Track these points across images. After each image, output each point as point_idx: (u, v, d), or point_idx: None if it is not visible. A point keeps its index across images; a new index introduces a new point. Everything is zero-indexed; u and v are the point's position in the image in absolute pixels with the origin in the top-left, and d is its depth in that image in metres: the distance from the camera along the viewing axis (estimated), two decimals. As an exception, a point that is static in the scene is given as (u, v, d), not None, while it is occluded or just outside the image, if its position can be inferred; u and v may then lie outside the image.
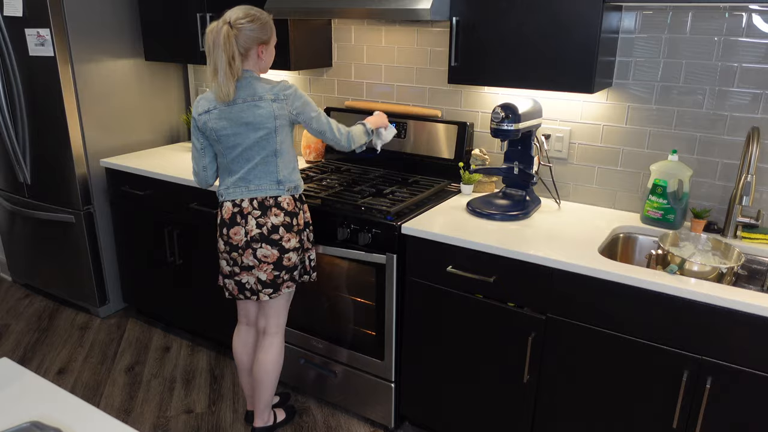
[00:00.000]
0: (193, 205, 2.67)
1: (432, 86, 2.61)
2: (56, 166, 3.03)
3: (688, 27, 2.01)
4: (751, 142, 1.87)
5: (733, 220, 1.98)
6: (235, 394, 2.64)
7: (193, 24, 2.80)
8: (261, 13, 1.92)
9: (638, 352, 1.74)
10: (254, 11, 1.90)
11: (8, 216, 3.44)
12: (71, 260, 3.20)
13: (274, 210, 2.00)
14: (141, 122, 3.23)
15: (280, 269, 2.04)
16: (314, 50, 2.74)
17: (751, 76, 1.95)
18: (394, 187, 2.45)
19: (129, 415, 2.51)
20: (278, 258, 2.02)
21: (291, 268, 2.07)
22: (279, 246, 2.01)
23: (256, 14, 1.90)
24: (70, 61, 2.84)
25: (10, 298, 3.53)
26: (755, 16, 1.89)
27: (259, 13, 1.92)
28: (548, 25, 1.94)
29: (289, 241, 2.03)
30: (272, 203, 2.00)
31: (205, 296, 2.84)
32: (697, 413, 1.68)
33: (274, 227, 2.00)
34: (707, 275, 1.77)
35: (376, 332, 2.27)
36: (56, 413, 1.13)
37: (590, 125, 2.27)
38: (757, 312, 1.53)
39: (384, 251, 2.14)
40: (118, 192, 3.00)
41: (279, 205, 2.01)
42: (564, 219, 2.18)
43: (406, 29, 2.60)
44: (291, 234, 2.03)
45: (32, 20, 2.79)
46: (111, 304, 3.31)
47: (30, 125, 3.04)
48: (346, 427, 2.44)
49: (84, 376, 2.77)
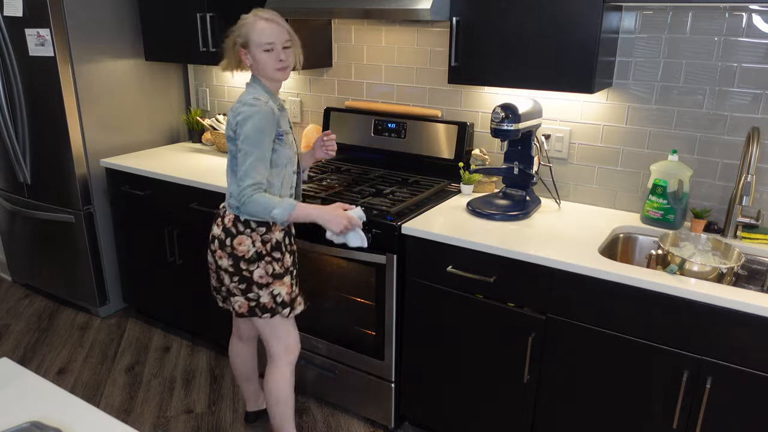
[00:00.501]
0: (193, 205, 2.67)
1: (432, 86, 2.61)
2: (56, 166, 3.03)
3: (688, 27, 2.01)
4: (751, 143, 1.87)
5: (733, 220, 1.98)
6: (234, 394, 2.64)
7: (193, 24, 2.79)
8: (245, 17, 1.86)
9: (638, 352, 1.74)
10: (245, 15, 1.87)
11: (8, 216, 3.44)
12: (71, 260, 3.20)
13: (217, 219, 1.96)
14: (141, 122, 3.23)
15: (242, 282, 1.93)
16: (314, 50, 2.73)
17: (751, 76, 1.95)
18: (394, 187, 2.45)
19: (129, 415, 2.51)
20: (223, 269, 1.94)
21: (246, 289, 1.94)
22: (213, 255, 1.96)
23: (242, 17, 1.86)
24: (70, 61, 2.84)
25: (10, 298, 3.53)
26: (755, 16, 1.89)
27: (247, 15, 1.86)
28: (548, 25, 1.94)
29: (221, 259, 1.93)
30: (220, 212, 1.97)
31: (205, 296, 2.84)
32: (698, 413, 1.68)
33: (212, 236, 1.96)
34: (707, 275, 1.77)
35: (376, 332, 2.27)
36: (56, 413, 1.13)
37: (590, 125, 2.27)
38: (757, 312, 1.53)
39: (384, 251, 2.14)
40: (118, 192, 2.99)
41: (222, 216, 1.95)
42: (564, 219, 2.18)
43: (406, 29, 2.60)
44: (223, 252, 1.92)
45: (32, 20, 2.79)
46: (111, 304, 3.31)
47: (30, 125, 3.04)
48: (346, 427, 2.44)
49: (84, 376, 2.77)
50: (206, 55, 2.81)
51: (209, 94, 3.41)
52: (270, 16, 1.85)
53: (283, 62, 1.85)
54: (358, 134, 2.75)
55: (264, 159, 1.80)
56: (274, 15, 1.86)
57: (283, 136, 1.88)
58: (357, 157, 2.78)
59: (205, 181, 2.59)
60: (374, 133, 2.71)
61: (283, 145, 1.89)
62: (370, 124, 2.71)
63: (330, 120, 2.83)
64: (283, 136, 1.88)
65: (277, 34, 1.83)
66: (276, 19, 1.85)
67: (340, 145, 2.81)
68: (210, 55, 2.80)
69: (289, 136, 1.92)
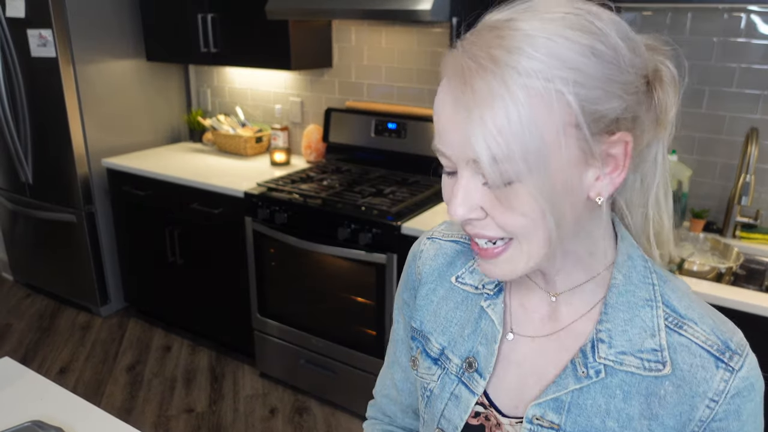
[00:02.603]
0: (194, 205, 2.68)
1: (432, 87, 2.61)
2: (58, 166, 3.03)
3: (687, 28, 2.01)
4: (750, 143, 1.87)
5: (732, 220, 1.98)
6: (235, 393, 2.65)
7: (194, 24, 2.80)
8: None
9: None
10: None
11: (10, 216, 3.45)
12: (73, 260, 3.21)
13: None
14: (142, 122, 3.24)
15: None
16: (314, 51, 2.74)
17: (750, 77, 1.95)
18: (394, 187, 2.45)
19: (130, 414, 2.51)
20: None
21: None
22: None
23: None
24: (72, 62, 2.85)
25: (12, 298, 3.53)
26: (754, 17, 1.90)
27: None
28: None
29: None
30: None
31: (206, 296, 2.85)
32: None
33: None
34: (706, 275, 1.78)
35: (376, 332, 2.27)
36: (57, 412, 1.14)
37: (590, 125, 2.28)
38: (756, 312, 1.53)
39: (384, 251, 2.14)
40: (120, 192, 3.00)
41: None
42: (563, 219, 2.18)
43: (407, 30, 2.61)
44: None
45: (34, 21, 2.80)
46: (112, 304, 3.32)
47: (32, 125, 3.05)
48: (346, 426, 2.44)
49: (85, 376, 2.78)
50: (207, 55, 2.82)
51: (210, 95, 3.42)
52: None
53: None
54: (359, 134, 2.76)
55: None
56: None
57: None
58: (357, 157, 2.79)
59: (205, 181, 2.60)
60: (375, 134, 2.71)
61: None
62: (370, 125, 2.72)
63: (330, 120, 2.84)
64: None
65: None
66: None
67: (340, 145, 2.81)
68: (211, 56, 2.80)
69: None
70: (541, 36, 0.54)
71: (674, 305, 0.66)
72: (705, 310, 0.67)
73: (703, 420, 0.63)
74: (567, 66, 0.53)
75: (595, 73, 0.55)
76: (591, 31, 0.55)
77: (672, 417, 0.64)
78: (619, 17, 0.61)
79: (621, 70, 0.56)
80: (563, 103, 0.53)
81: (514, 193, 0.56)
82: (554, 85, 0.53)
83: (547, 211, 0.57)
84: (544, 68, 0.53)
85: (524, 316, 0.73)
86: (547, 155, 0.54)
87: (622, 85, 0.56)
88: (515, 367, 0.71)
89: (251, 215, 2.46)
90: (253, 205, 2.44)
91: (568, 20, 0.55)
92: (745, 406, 0.63)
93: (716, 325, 0.65)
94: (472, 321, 0.75)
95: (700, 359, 0.63)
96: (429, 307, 0.80)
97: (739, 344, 0.65)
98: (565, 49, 0.54)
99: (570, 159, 0.56)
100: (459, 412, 0.74)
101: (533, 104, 0.53)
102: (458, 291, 0.78)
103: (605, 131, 0.57)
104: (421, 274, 0.83)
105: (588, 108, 0.55)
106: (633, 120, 0.59)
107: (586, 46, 0.55)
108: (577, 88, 0.54)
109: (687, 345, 0.64)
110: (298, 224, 2.34)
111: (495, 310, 0.73)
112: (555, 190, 0.56)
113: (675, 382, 0.63)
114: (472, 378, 0.73)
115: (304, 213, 2.32)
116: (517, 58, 0.53)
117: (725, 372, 0.63)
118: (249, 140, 3.01)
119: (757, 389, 0.64)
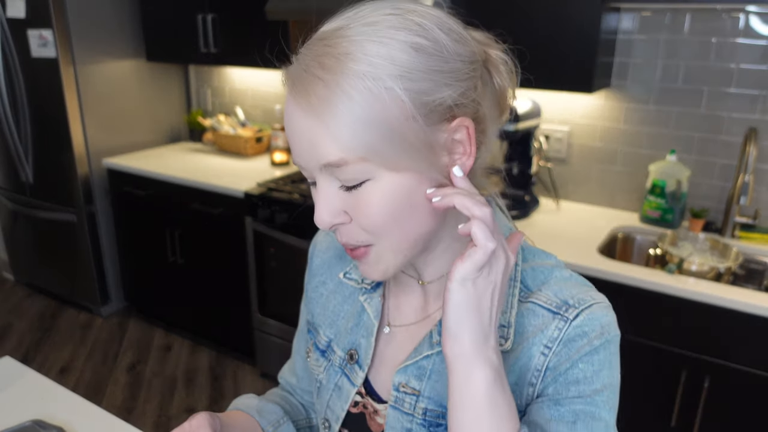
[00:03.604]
0: (194, 205, 2.68)
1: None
2: (58, 166, 3.04)
3: (686, 28, 2.02)
4: (749, 143, 1.88)
5: (731, 219, 1.99)
6: (235, 393, 2.65)
7: (194, 25, 2.80)
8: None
9: (637, 351, 1.75)
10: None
11: (11, 215, 3.46)
12: (73, 260, 3.21)
13: None
14: (142, 122, 3.24)
15: None
16: (315, 51, 2.74)
17: (749, 77, 1.95)
18: (394, 187, 2.45)
19: (130, 414, 2.52)
20: None
21: None
22: None
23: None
24: (73, 62, 2.85)
25: (13, 298, 3.54)
26: (753, 17, 1.90)
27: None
28: (548, 25, 1.95)
29: None
30: None
31: (206, 296, 2.85)
32: (696, 412, 1.69)
33: None
34: (705, 275, 1.78)
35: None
36: (58, 412, 1.14)
37: (589, 125, 2.28)
38: (755, 311, 1.53)
39: (384, 251, 2.14)
40: (120, 192, 3.01)
41: None
42: (563, 219, 2.19)
43: (406, 30, 2.60)
44: None
45: (35, 21, 2.80)
46: (113, 304, 3.32)
47: (32, 125, 3.06)
48: (346, 425, 2.44)
49: (86, 375, 2.78)
50: (207, 55, 2.82)
51: (210, 95, 3.42)
52: None
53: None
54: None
55: None
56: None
57: None
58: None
59: (206, 181, 2.61)
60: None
61: None
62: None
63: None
64: None
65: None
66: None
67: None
68: (211, 56, 2.81)
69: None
70: (365, 40, 0.57)
71: (528, 283, 0.69)
72: (561, 284, 0.68)
73: (539, 369, 0.65)
74: (393, 63, 0.57)
75: (420, 66, 0.58)
76: (410, 29, 0.59)
77: (512, 373, 0.66)
78: (444, 12, 0.64)
79: (445, 60, 0.59)
80: (395, 98, 0.56)
81: (369, 192, 0.59)
82: (384, 83, 0.56)
83: (404, 205, 0.60)
84: (372, 69, 0.56)
85: (400, 308, 0.77)
86: (393, 150, 0.57)
87: (449, 74, 0.59)
88: (391, 357, 0.75)
89: (251, 215, 2.47)
90: (254, 205, 2.44)
91: (388, 21, 0.59)
92: (581, 354, 0.64)
93: (561, 290, 0.67)
94: (356, 315, 0.79)
95: (542, 318, 0.66)
96: (319, 300, 0.86)
97: (579, 300, 0.66)
98: (388, 48, 0.57)
99: (417, 150, 0.59)
100: (341, 403, 0.78)
101: (369, 103, 0.56)
102: (346, 285, 0.82)
103: (444, 119, 0.60)
104: (312, 267, 0.89)
105: (420, 100, 0.58)
106: (473, 104, 0.62)
107: (408, 42, 0.58)
108: (405, 82, 0.57)
109: (532, 309, 0.67)
110: (298, 224, 2.35)
111: (371, 303, 0.77)
112: (408, 184, 0.59)
113: (519, 342, 0.67)
114: (353, 369, 0.77)
115: (304, 213, 2.33)
116: (346, 64, 0.56)
117: (560, 321, 0.65)
118: (249, 140, 3.01)
119: (591, 337, 0.65)
